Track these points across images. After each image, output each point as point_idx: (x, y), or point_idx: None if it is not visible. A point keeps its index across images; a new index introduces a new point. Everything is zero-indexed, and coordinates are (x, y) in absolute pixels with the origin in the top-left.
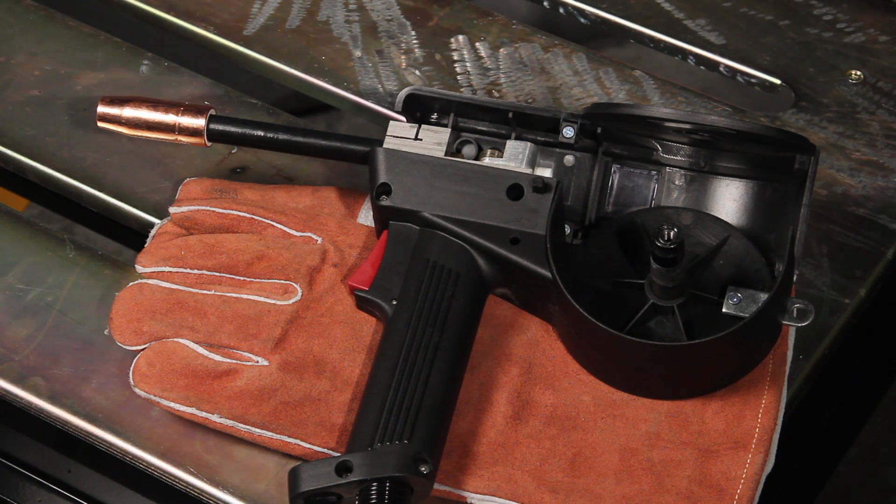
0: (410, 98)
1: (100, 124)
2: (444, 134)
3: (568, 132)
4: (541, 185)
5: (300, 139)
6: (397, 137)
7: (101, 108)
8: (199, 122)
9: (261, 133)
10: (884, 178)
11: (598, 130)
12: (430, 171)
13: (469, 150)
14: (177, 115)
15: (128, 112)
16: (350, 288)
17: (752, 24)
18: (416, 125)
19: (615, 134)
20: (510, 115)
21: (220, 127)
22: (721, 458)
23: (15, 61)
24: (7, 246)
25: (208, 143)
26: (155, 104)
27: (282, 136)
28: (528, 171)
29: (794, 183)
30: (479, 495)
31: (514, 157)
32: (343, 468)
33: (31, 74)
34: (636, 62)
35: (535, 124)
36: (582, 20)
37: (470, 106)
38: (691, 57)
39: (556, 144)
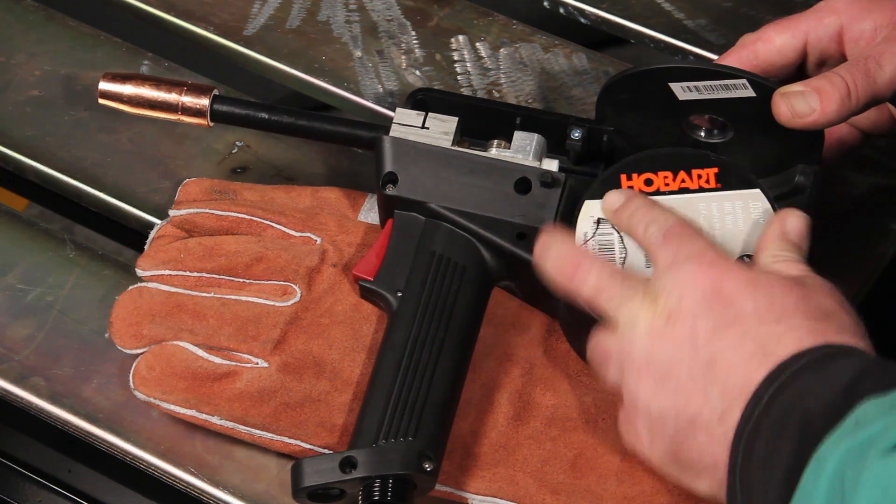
0: (419, 97)
1: (101, 101)
2: (451, 123)
3: (576, 134)
4: (549, 180)
5: (305, 122)
6: (404, 125)
7: (103, 85)
8: (203, 101)
9: (265, 115)
10: (884, 178)
11: (605, 138)
12: (437, 161)
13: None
14: (180, 94)
15: (129, 89)
16: (354, 277)
17: (752, 25)
18: (423, 113)
19: (622, 146)
20: (518, 120)
21: (224, 108)
22: None
23: (15, 61)
24: (7, 246)
25: (211, 124)
26: (158, 83)
27: (287, 119)
28: (536, 164)
29: (795, 199)
30: (480, 496)
31: (522, 148)
32: (347, 464)
33: (31, 74)
34: (636, 62)
35: (544, 128)
36: (582, 20)
37: (478, 109)
38: (691, 57)
39: (563, 151)
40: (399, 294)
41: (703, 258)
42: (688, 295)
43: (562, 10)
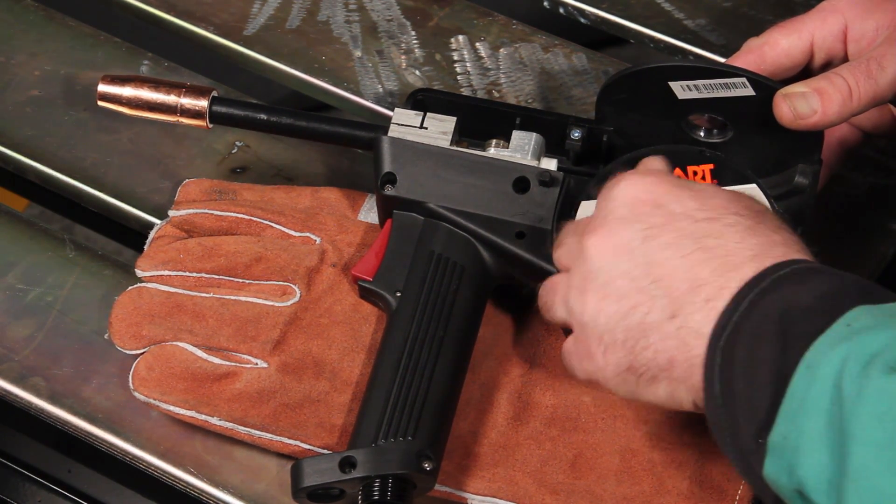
0: (419, 97)
1: (100, 103)
2: (449, 123)
3: (575, 134)
4: (547, 179)
5: (303, 123)
6: (402, 125)
7: (102, 87)
8: (202, 103)
9: (264, 116)
10: (884, 178)
11: (605, 138)
12: (435, 161)
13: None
14: (179, 96)
15: (128, 91)
16: (353, 278)
17: (752, 24)
18: (422, 113)
19: (621, 146)
20: (517, 120)
21: (223, 109)
22: (722, 459)
23: (15, 61)
24: (7, 246)
25: (210, 126)
26: (157, 84)
27: (285, 120)
28: (535, 163)
29: (795, 199)
30: (479, 497)
31: (520, 147)
32: (347, 463)
33: (31, 74)
34: (636, 62)
35: (544, 128)
36: (582, 20)
37: (478, 109)
38: (691, 57)
39: (563, 151)
40: (398, 294)
41: (635, 175)
42: (618, 205)
43: (562, 10)
